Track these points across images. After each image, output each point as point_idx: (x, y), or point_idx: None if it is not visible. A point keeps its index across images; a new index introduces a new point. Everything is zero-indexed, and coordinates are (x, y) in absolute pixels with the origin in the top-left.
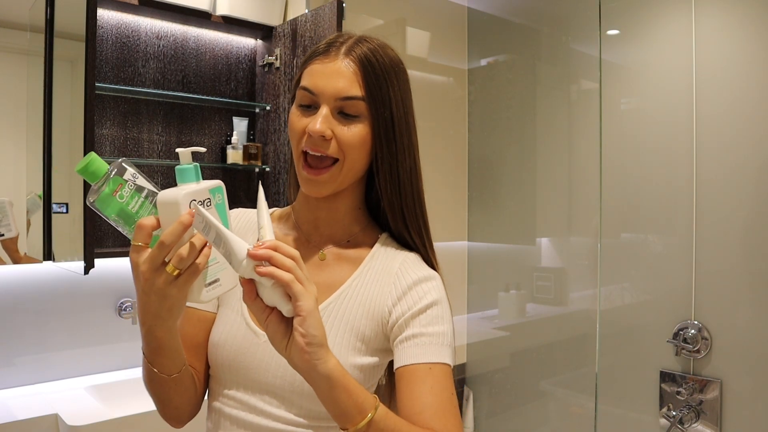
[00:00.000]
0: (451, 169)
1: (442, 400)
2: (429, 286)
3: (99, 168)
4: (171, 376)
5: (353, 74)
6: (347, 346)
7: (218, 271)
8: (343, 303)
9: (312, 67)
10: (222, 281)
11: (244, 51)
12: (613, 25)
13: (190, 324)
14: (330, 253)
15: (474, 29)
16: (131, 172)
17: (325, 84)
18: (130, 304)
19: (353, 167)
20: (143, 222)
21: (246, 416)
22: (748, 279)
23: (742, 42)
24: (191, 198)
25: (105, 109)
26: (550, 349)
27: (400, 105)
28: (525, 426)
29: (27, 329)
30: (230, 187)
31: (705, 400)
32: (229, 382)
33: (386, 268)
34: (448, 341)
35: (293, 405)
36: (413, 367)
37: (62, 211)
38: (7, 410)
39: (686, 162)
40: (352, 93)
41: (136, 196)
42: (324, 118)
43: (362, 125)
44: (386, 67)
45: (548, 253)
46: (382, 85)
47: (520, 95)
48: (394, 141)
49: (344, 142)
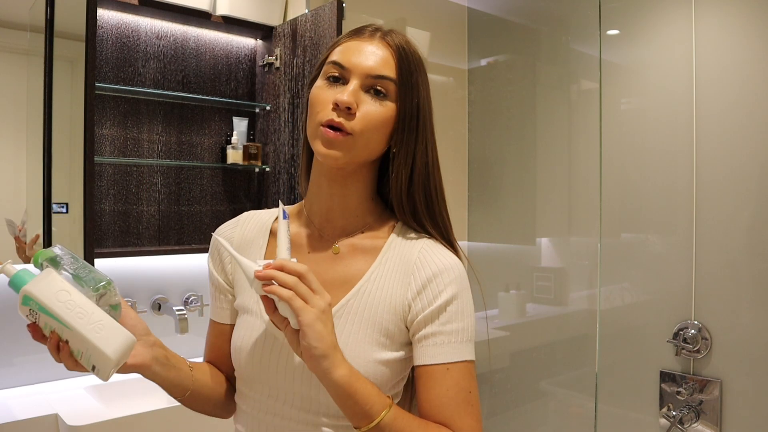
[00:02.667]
0: (451, 169)
1: (459, 401)
2: (448, 278)
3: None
4: (178, 398)
5: (389, 56)
6: (371, 342)
7: (89, 358)
8: (363, 298)
9: (347, 44)
10: (99, 366)
11: (244, 51)
12: (613, 25)
13: (213, 335)
14: (344, 245)
15: (474, 29)
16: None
17: (360, 60)
18: (130, 304)
19: (367, 146)
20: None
21: (269, 418)
22: (748, 279)
23: (742, 42)
24: (22, 313)
25: (105, 109)
26: (550, 349)
27: (426, 99)
28: (525, 426)
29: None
30: (230, 187)
31: (705, 400)
32: (252, 384)
33: (404, 258)
34: (468, 336)
35: (313, 405)
36: (431, 368)
37: (62, 211)
38: (7, 410)
39: (686, 162)
40: (385, 73)
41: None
42: (353, 90)
43: (389, 106)
44: (416, 58)
45: (548, 253)
46: (414, 73)
47: (520, 95)
48: (416, 130)
49: (368, 118)
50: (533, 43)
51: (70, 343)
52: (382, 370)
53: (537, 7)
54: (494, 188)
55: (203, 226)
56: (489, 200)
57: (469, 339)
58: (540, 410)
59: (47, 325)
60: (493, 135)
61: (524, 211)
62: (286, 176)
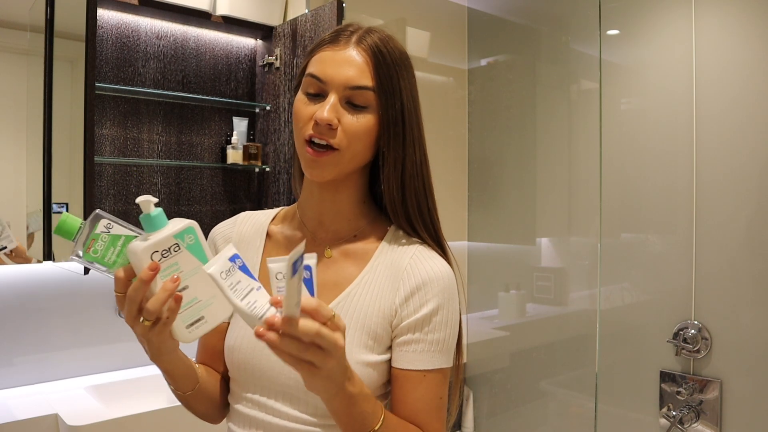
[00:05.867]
0: (451, 169)
1: (432, 406)
2: (436, 288)
3: (72, 225)
4: (186, 393)
5: (364, 64)
6: (359, 345)
7: (201, 309)
8: (353, 301)
9: (321, 55)
10: (207, 318)
11: (244, 51)
12: (613, 25)
13: (208, 334)
14: (337, 249)
15: (474, 29)
16: (105, 223)
17: (335, 72)
18: None
19: (355, 158)
20: (118, 274)
21: (262, 416)
22: (748, 279)
23: (742, 42)
24: (152, 250)
25: (105, 109)
26: (550, 349)
27: (410, 97)
28: (525, 426)
29: (27, 329)
30: (230, 187)
31: (705, 400)
32: (245, 384)
33: (395, 264)
34: (449, 345)
35: (304, 404)
36: (409, 373)
37: (62, 211)
38: (7, 410)
39: (686, 162)
40: (362, 83)
41: (112, 247)
42: (332, 106)
43: (370, 116)
44: (396, 58)
45: (548, 253)
46: (393, 75)
47: (520, 95)
48: (403, 133)
49: (350, 132)
50: (533, 43)
51: (191, 289)
52: (369, 372)
53: (537, 7)
54: (494, 188)
55: (203, 226)
56: (489, 200)
57: (449, 348)
58: (540, 410)
59: (178, 267)
60: (493, 135)
61: (524, 211)
62: (286, 176)
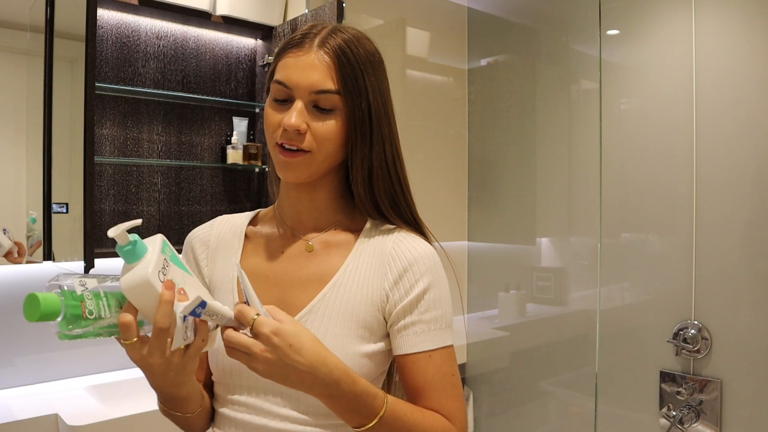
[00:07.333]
0: (451, 169)
1: (444, 385)
2: (424, 266)
3: (52, 301)
4: (195, 412)
5: (327, 67)
6: (351, 336)
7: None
8: (339, 291)
9: (285, 60)
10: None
11: (244, 51)
12: (613, 25)
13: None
14: (317, 242)
15: (474, 29)
16: (77, 282)
17: (299, 77)
18: None
19: (327, 159)
20: (125, 320)
21: (253, 419)
22: (748, 279)
23: (742, 42)
24: (156, 272)
25: (105, 109)
26: (550, 349)
27: (378, 95)
28: (525, 426)
29: (27, 329)
30: (230, 187)
31: (705, 400)
32: (233, 387)
33: (379, 249)
34: (446, 322)
35: (297, 402)
36: (414, 357)
37: (62, 211)
38: (7, 410)
39: (686, 162)
40: (326, 86)
41: (98, 300)
42: (299, 112)
43: (337, 118)
44: (362, 57)
45: (548, 253)
46: (358, 76)
47: (520, 95)
48: (371, 132)
49: (319, 136)
50: (533, 43)
51: (188, 293)
52: (366, 363)
53: (537, 7)
54: (494, 188)
55: None
56: (489, 200)
57: (447, 325)
58: (540, 410)
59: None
60: (493, 135)
61: (524, 211)
62: None
